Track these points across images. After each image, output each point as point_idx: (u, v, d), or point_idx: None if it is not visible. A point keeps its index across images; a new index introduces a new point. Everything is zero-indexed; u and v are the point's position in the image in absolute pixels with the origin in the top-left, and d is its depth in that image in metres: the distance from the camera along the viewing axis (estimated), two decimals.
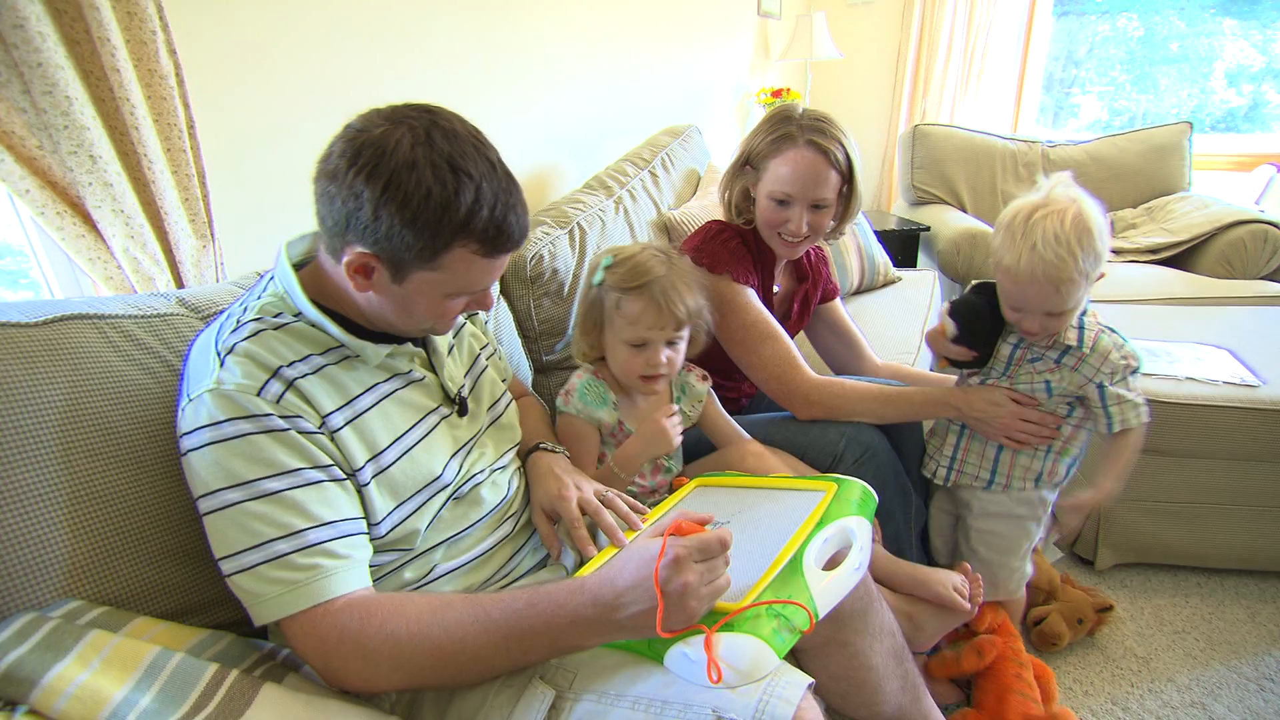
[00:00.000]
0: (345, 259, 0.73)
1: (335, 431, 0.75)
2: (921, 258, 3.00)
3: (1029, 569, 1.29)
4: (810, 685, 0.68)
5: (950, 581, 1.13)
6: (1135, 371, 1.11)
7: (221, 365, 0.72)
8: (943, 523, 1.36)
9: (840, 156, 1.22)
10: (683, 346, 1.10)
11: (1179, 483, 1.57)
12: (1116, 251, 2.75)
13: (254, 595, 0.68)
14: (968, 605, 1.12)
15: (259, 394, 0.71)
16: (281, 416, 0.71)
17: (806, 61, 3.46)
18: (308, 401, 0.74)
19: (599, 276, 1.07)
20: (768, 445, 1.20)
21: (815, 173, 1.21)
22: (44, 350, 0.74)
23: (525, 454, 1.04)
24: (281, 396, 0.72)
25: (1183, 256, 2.64)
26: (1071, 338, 1.10)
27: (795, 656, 0.90)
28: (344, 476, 0.75)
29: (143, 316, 0.85)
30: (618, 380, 1.12)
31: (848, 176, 1.25)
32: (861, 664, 0.91)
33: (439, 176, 0.68)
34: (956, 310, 1.16)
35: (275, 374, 0.72)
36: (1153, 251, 2.69)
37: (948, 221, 2.82)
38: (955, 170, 3.13)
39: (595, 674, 0.73)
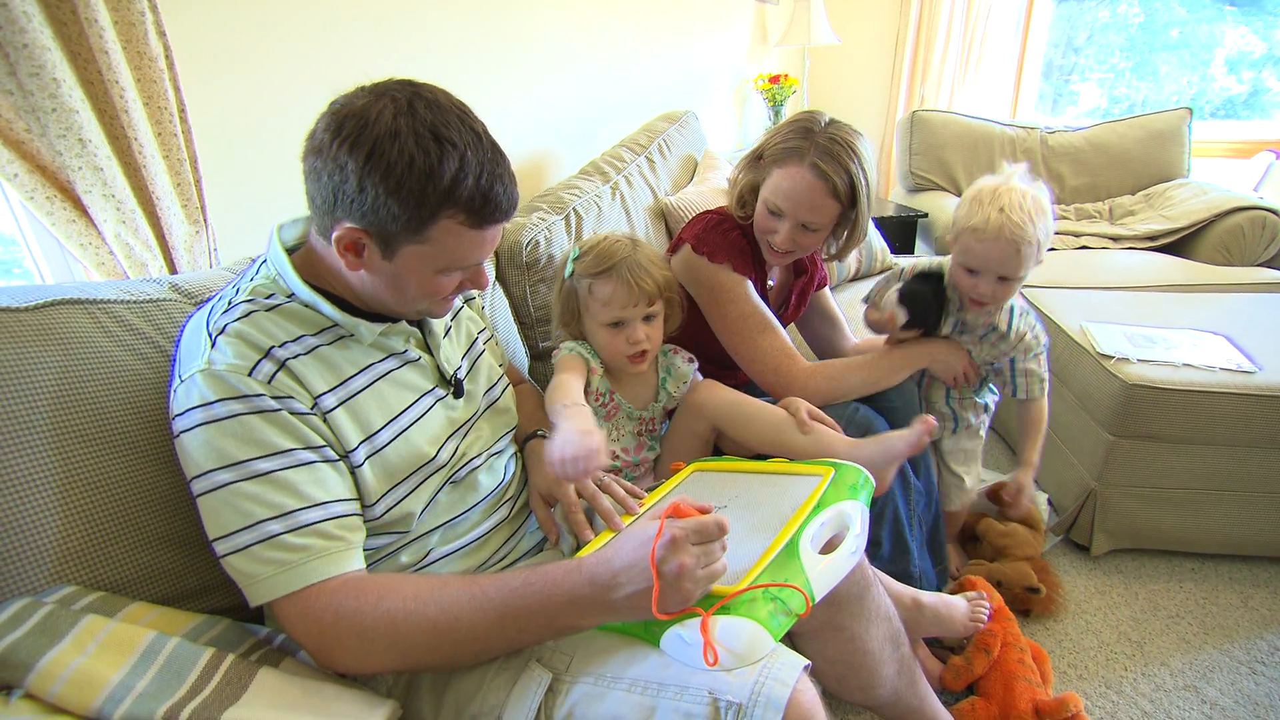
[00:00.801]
0: (335, 235, 0.72)
1: (328, 413, 0.74)
2: (919, 244, 2.99)
3: (981, 474, 1.56)
4: (806, 667, 0.68)
5: (965, 613, 1.24)
6: (1045, 346, 1.33)
7: (213, 346, 0.71)
8: None
9: (842, 185, 1.17)
10: (659, 322, 1.13)
11: (1174, 468, 1.58)
12: (1114, 239, 2.76)
13: (248, 576, 0.68)
14: (984, 621, 1.26)
15: (250, 374, 0.70)
16: (273, 397, 0.71)
17: (804, 47, 3.44)
18: (300, 382, 0.73)
19: (569, 269, 1.12)
20: None
21: (810, 196, 1.18)
22: (35, 335, 0.74)
23: (523, 441, 1.04)
24: (273, 377, 0.71)
25: (1181, 243, 2.64)
26: (1002, 322, 1.29)
27: (791, 640, 0.90)
28: (337, 458, 0.75)
29: (135, 301, 0.84)
30: (605, 364, 1.15)
31: (849, 205, 1.21)
32: (858, 648, 0.91)
33: (422, 145, 0.68)
34: (905, 299, 1.30)
35: (267, 354, 0.72)
36: (1151, 238, 2.68)
37: (945, 208, 2.81)
38: (953, 157, 3.11)
39: (592, 656, 0.73)
